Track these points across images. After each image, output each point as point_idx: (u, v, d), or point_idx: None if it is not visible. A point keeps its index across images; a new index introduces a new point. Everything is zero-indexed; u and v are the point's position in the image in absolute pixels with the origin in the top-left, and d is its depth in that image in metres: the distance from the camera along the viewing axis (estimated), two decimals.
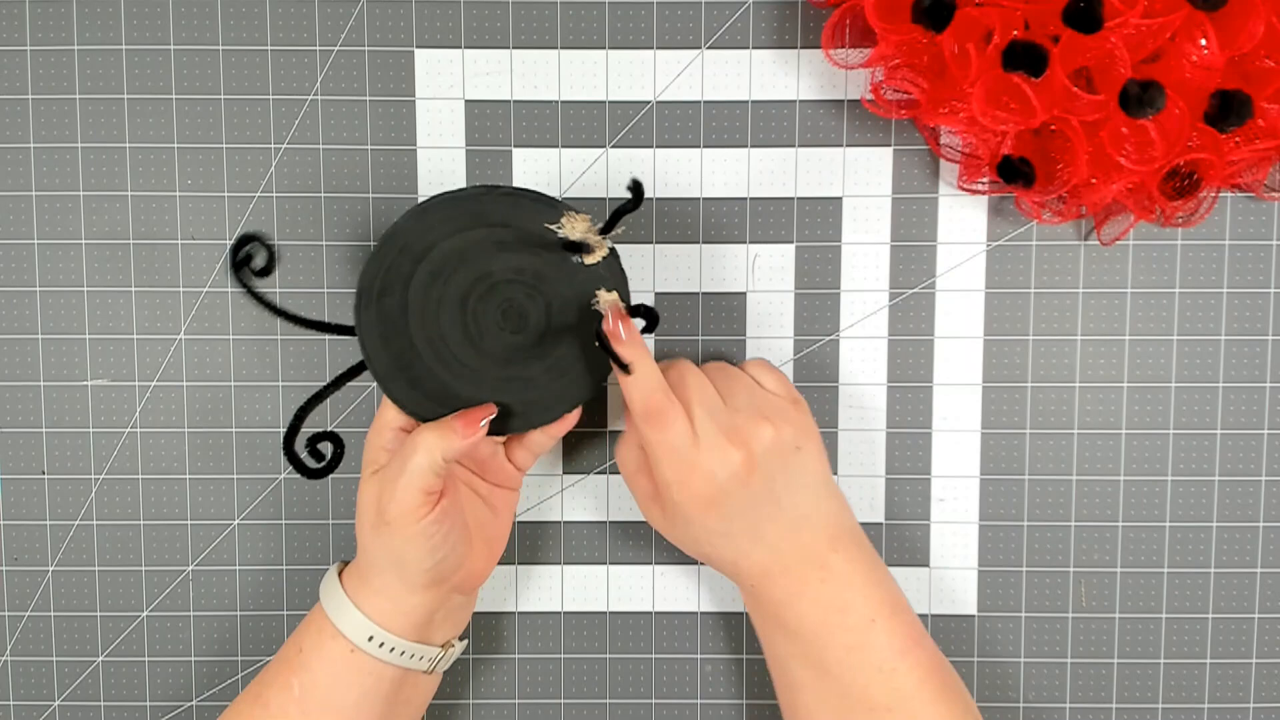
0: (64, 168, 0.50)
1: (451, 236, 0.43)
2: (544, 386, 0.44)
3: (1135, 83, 0.41)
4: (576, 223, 0.43)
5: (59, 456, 0.51)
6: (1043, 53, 0.41)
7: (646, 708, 0.52)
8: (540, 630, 0.52)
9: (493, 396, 0.44)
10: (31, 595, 0.52)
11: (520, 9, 0.50)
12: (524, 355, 0.44)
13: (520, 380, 0.44)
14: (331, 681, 0.43)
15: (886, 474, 0.51)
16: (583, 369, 0.44)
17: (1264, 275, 0.50)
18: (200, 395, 0.51)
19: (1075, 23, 0.41)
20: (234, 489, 0.51)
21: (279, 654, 0.45)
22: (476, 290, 0.44)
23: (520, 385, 0.44)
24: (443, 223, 0.43)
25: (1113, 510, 0.51)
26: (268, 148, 0.50)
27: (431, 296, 0.44)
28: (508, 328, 0.44)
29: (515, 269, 0.44)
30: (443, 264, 0.44)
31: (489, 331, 0.44)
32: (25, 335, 0.51)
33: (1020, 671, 0.52)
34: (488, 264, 0.44)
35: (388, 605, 0.43)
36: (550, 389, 0.44)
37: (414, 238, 0.43)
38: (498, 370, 0.44)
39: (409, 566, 0.42)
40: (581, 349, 0.44)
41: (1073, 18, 0.40)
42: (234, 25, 0.50)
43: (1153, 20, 0.41)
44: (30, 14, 0.50)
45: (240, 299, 0.51)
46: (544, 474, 0.51)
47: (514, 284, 0.44)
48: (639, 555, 0.52)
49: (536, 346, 0.44)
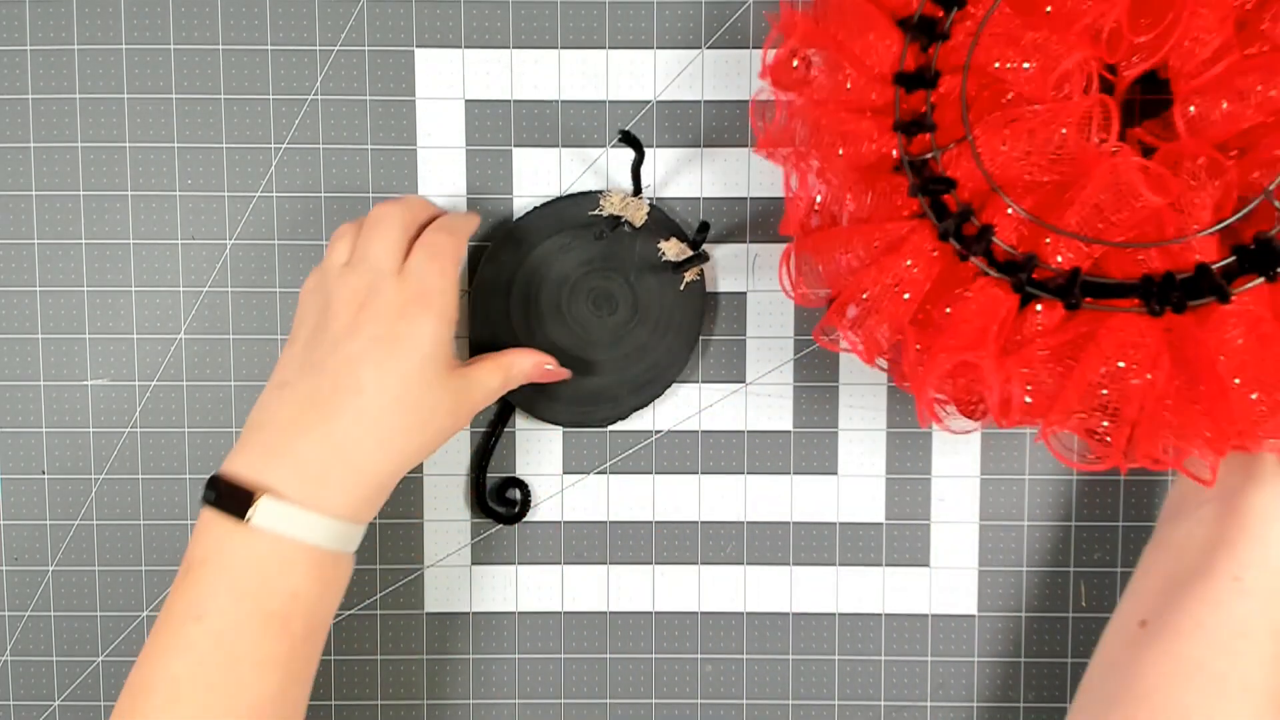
0: (64, 168, 0.50)
1: (521, 265, 0.49)
2: (656, 346, 0.49)
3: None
4: (612, 198, 0.48)
5: (59, 456, 0.51)
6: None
7: (646, 708, 0.52)
8: (540, 630, 0.52)
9: (622, 374, 0.50)
10: (31, 595, 0.52)
11: (520, 9, 0.50)
12: (628, 328, 0.49)
13: (636, 350, 0.49)
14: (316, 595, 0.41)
15: (886, 474, 0.51)
16: (680, 318, 0.49)
17: None
18: (200, 395, 0.51)
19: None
20: None
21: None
22: (563, 296, 0.49)
23: (638, 354, 0.49)
24: (509, 257, 0.49)
25: (1113, 510, 0.51)
26: (268, 148, 0.50)
27: (531, 321, 0.49)
28: (604, 312, 0.49)
29: (584, 262, 0.49)
30: (526, 290, 0.49)
31: (590, 323, 0.49)
32: (25, 335, 0.51)
33: (1020, 671, 0.52)
34: (561, 270, 0.49)
35: (355, 496, 0.41)
36: (662, 346, 0.49)
37: (494, 281, 0.49)
38: (613, 351, 0.50)
39: (408, 456, 0.42)
40: (673, 300, 0.49)
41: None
42: (234, 25, 0.50)
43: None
44: (30, 14, 0.50)
45: (240, 299, 0.51)
46: (544, 474, 0.51)
47: (589, 275, 0.49)
48: (639, 555, 0.52)
49: (634, 317, 0.49)
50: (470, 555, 0.52)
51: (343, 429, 0.41)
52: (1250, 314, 0.38)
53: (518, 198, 0.50)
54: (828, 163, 0.42)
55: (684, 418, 0.51)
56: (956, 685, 0.52)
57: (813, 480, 0.51)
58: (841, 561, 0.51)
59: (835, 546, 0.51)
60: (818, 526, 0.51)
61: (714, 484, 0.51)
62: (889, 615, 0.52)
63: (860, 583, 0.51)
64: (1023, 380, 0.40)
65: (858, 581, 0.51)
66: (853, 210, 0.42)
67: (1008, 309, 0.40)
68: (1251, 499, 0.40)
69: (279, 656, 0.40)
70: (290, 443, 0.41)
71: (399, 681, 0.52)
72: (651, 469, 0.51)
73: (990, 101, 0.41)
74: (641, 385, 0.50)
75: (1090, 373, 0.39)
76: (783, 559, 0.51)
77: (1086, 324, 0.39)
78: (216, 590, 0.40)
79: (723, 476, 0.51)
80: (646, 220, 0.48)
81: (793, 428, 0.51)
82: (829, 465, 0.51)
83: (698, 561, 0.52)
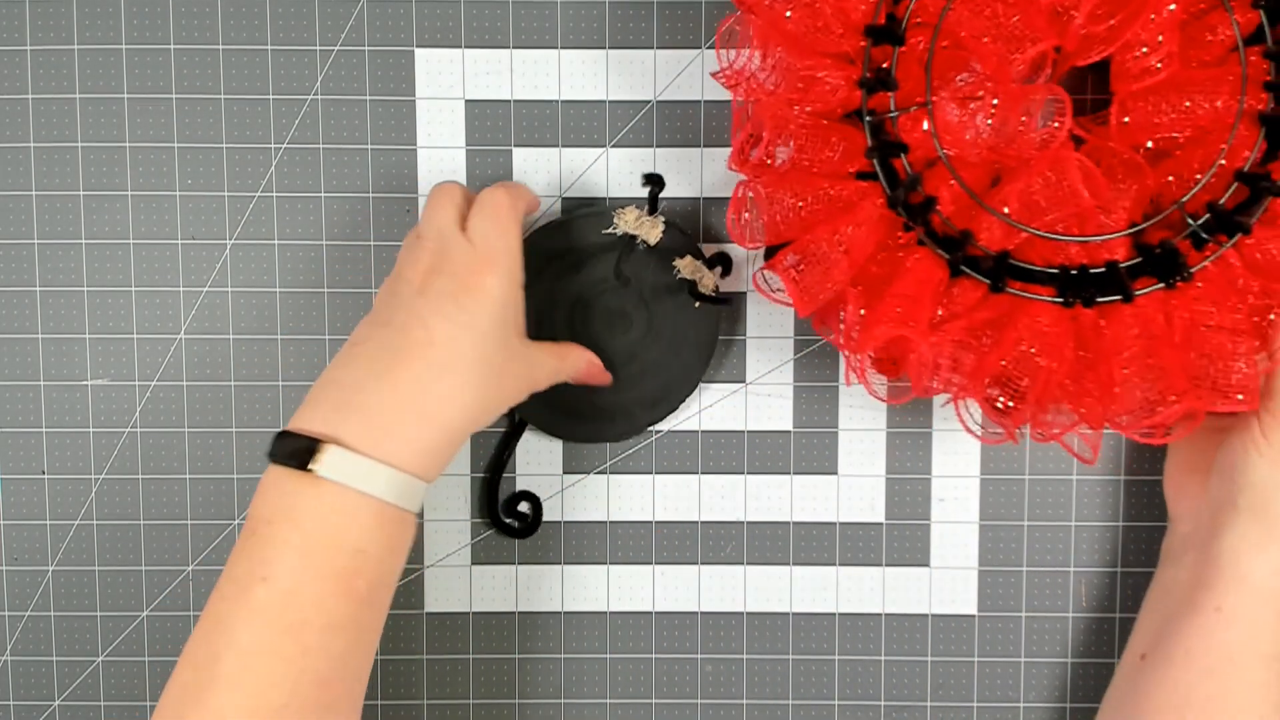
0: (64, 168, 0.50)
1: (535, 284, 0.46)
2: (671, 364, 0.49)
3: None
4: (626, 216, 0.48)
5: (59, 456, 0.51)
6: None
7: (646, 708, 0.52)
8: (541, 630, 0.52)
9: (636, 392, 0.49)
10: (31, 595, 0.52)
11: (520, 9, 0.50)
12: (643, 346, 0.49)
13: (651, 367, 0.49)
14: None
15: (886, 474, 0.51)
16: (695, 335, 0.49)
17: None
18: (200, 395, 0.51)
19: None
20: (234, 489, 0.51)
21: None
22: (576, 315, 0.49)
23: (653, 371, 0.49)
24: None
25: (1113, 510, 0.51)
26: (268, 148, 0.50)
27: (545, 340, 0.47)
28: (618, 331, 0.49)
29: (598, 280, 0.49)
30: (540, 312, 0.48)
31: (604, 342, 0.49)
32: (25, 335, 0.51)
33: (1020, 671, 0.52)
34: (574, 289, 0.49)
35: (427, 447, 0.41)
36: (677, 364, 0.49)
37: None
38: (628, 369, 0.49)
39: (477, 411, 0.42)
40: (688, 318, 0.49)
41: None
42: (234, 25, 0.50)
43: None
44: (30, 14, 0.50)
45: (240, 299, 0.51)
46: (544, 474, 0.51)
47: (603, 294, 0.49)
48: (639, 555, 0.52)
49: (648, 335, 0.49)
50: (470, 555, 0.52)
51: (413, 376, 0.40)
52: (1145, 314, 0.40)
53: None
54: (786, 104, 0.42)
55: (684, 418, 0.51)
56: (956, 685, 0.52)
57: (813, 480, 0.51)
58: (841, 561, 0.51)
59: (835, 546, 0.51)
60: (818, 526, 0.51)
61: (714, 484, 0.51)
62: (889, 615, 0.52)
63: (860, 583, 0.51)
64: (946, 353, 0.41)
65: (858, 581, 0.51)
66: (799, 156, 0.42)
67: (939, 282, 0.41)
68: (1222, 542, 0.44)
69: (345, 619, 0.39)
70: (359, 394, 0.40)
71: (399, 681, 0.52)
72: (651, 469, 0.51)
73: (951, 61, 0.42)
74: (656, 402, 0.50)
75: (1005, 352, 0.41)
76: (783, 559, 0.51)
77: (1004, 305, 0.41)
78: (284, 549, 0.39)
79: (723, 476, 0.51)
80: (661, 238, 0.48)
81: (793, 428, 0.51)
82: (829, 465, 0.51)
83: (698, 561, 0.52)
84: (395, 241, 0.50)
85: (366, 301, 0.51)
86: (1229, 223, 0.40)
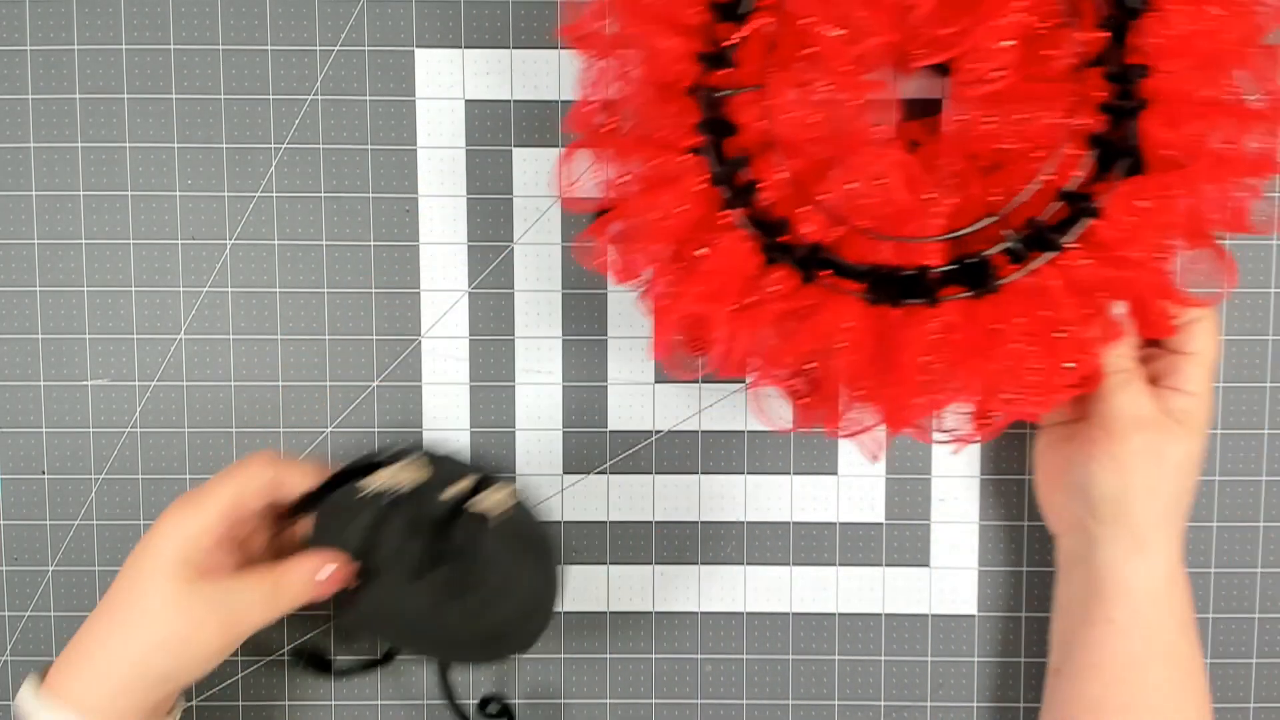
0: (64, 168, 0.50)
1: (356, 549, 0.43)
2: (520, 576, 0.45)
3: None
4: (373, 481, 0.43)
5: (59, 456, 0.51)
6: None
7: (646, 708, 0.52)
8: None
9: (505, 611, 0.45)
10: (31, 595, 0.52)
11: (520, 9, 0.50)
12: (478, 574, 0.44)
13: (501, 587, 0.44)
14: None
15: (886, 474, 0.51)
16: (525, 538, 0.45)
17: (1264, 275, 0.50)
18: (200, 395, 0.51)
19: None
20: None
21: None
22: (401, 571, 0.43)
23: (506, 590, 0.44)
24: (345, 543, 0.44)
25: None
26: (268, 148, 0.50)
27: (392, 599, 0.44)
28: (445, 570, 0.43)
29: (400, 531, 0.43)
30: (373, 571, 0.44)
31: (440, 584, 0.44)
32: (25, 335, 0.51)
33: (1021, 671, 0.52)
34: (387, 550, 0.43)
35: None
36: (525, 575, 0.45)
37: (355, 556, 0.44)
38: (478, 595, 0.44)
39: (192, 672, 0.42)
40: (507, 528, 0.44)
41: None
42: (234, 25, 0.50)
43: None
44: (30, 14, 0.50)
45: (240, 299, 0.51)
46: (544, 474, 0.51)
47: (410, 543, 0.43)
48: (639, 555, 0.52)
49: (475, 564, 0.44)
50: None
51: (97, 628, 0.43)
52: (947, 321, 0.41)
53: (517, 198, 0.50)
54: (628, 70, 0.42)
55: (684, 418, 0.51)
56: (956, 685, 0.52)
57: (813, 480, 0.51)
58: (841, 561, 0.51)
59: (835, 546, 0.51)
60: (818, 526, 0.51)
61: (714, 484, 0.51)
62: (889, 615, 0.52)
63: (860, 583, 0.51)
64: (748, 338, 0.42)
65: (858, 581, 0.51)
66: (637, 126, 0.42)
67: (751, 266, 0.41)
68: (1100, 556, 0.45)
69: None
70: (77, 636, 0.43)
71: (399, 682, 0.52)
72: (651, 469, 0.51)
73: (793, 42, 0.42)
74: (530, 613, 0.46)
75: (808, 343, 0.41)
76: (783, 559, 0.51)
77: (813, 297, 0.42)
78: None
79: (723, 476, 0.51)
80: (426, 475, 0.44)
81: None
82: (829, 465, 0.51)
83: (698, 561, 0.52)
84: (395, 241, 0.50)
85: (367, 301, 0.51)
86: (1043, 240, 0.41)
